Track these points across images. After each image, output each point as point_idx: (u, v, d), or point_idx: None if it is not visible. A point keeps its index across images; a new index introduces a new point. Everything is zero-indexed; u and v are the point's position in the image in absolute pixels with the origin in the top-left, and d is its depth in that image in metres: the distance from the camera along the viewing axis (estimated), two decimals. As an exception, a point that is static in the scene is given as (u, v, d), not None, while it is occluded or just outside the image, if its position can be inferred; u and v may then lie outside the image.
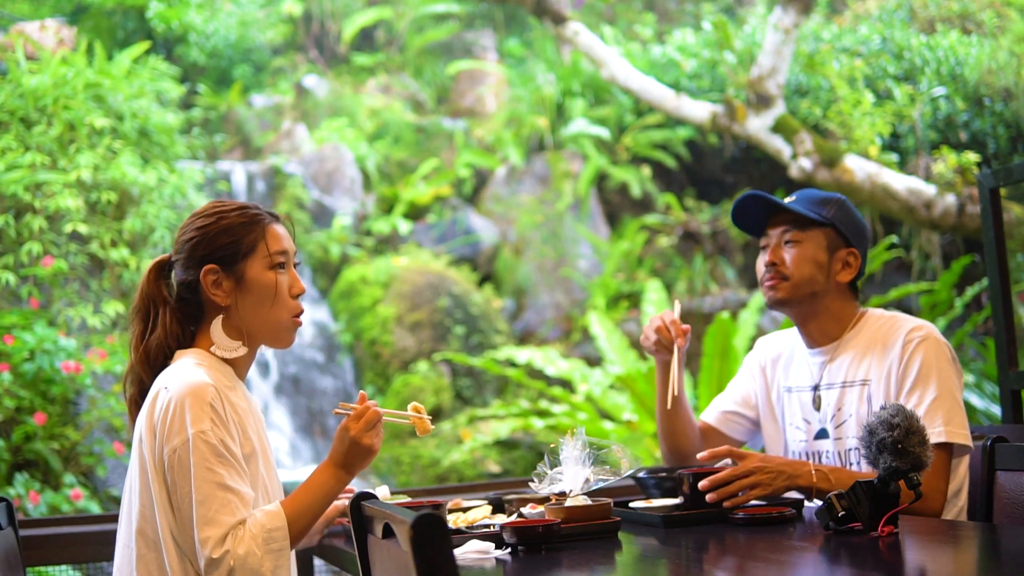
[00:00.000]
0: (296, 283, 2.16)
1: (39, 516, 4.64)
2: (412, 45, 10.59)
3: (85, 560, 3.04)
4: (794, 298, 2.50)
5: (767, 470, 2.26)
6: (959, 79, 7.89)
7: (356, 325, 7.64)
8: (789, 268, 2.49)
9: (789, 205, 2.51)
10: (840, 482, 2.26)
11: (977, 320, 6.84)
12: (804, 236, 2.50)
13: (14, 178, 5.84)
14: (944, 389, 2.36)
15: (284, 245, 2.16)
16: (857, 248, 2.53)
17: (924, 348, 2.40)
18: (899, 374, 2.40)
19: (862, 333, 2.49)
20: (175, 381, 2.02)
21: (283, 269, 2.15)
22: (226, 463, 1.97)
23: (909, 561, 1.78)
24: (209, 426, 1.97)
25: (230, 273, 2.11)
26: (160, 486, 1.99)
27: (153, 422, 2.01)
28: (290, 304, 2.15)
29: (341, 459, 2.07)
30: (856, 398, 2.44)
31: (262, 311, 2.12)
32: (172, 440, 1.96)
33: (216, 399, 2.00)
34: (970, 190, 6.80)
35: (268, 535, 1.96)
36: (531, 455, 6.79)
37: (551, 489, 2.16)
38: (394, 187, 8.83)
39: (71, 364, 5.17)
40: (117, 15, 9.49)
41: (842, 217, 2.51)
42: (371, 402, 2.10)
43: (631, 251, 8.23)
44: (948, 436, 2.31)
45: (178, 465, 1.96)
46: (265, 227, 2.15)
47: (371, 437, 2.06)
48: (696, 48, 8.77)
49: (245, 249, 2.12)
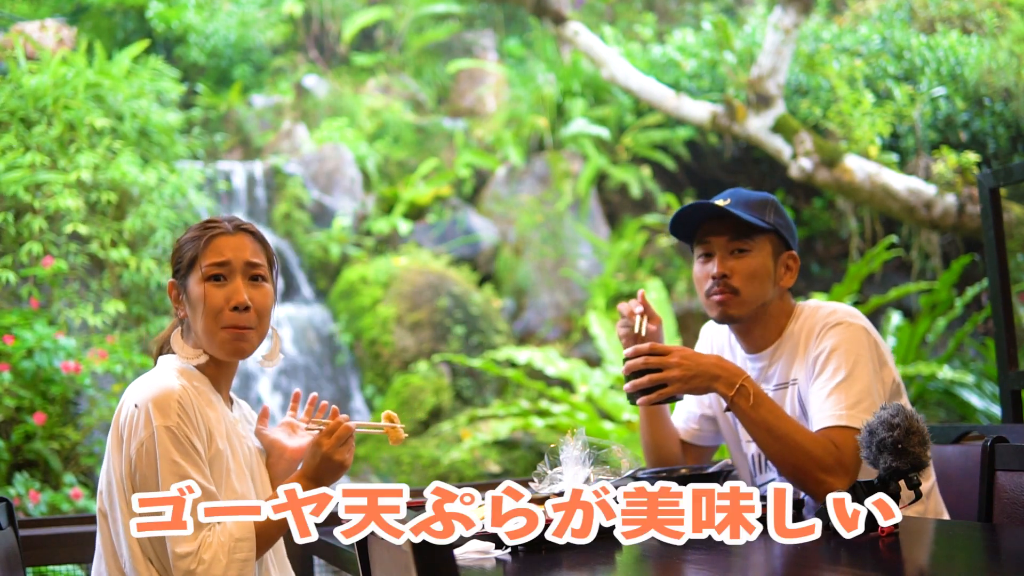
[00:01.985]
0: (235, 294, 2.11)
1: (39, 516, 4.64)
2: (412, 45, 10.59)
3: (85, 560, 3.04)
4: (745, 313, 2.42)
5: (686, 366, 2.25)
6: (959, 79, 7.89)
7: (356, 325, 7.64)
8: (741, 281, 2.39)
9: (732, 211, 2.41)
10: (761, 411, 2.24)
11: (977, 320, 6.85)
12: (752, 245, 2.40)
13: (14, 178, 5.84)
14: (853, 372, 2.28)
15: (225, 256, 2.13)
16: (794, 249, 2.47)
17: (834, 332, 2.33)
18: (812, 362, 2.35)
19: (792, 333, 2.42)
20: (140, 387, 2.05)
21: (219, 281, 2.12)
22: (190, 459, 1.98)
23: (909, 561, 1.78)
24: (175, 421, 1.98)
25: (183, 287, 2.16)
26: (124, 495, 2.00)
27: (119, 428, 2.03)
28: (222, 316, 2.11)
29: (312, 473, 2.09)
30: (789, 399, 2.40)
31: (197, 322, 2.13)
32: (138, 435, 1.98)
33: (184, 398, 2.01)
34: (970, 190, 6.80)
35: (235, 544, 1.97)
36: (531, 455, 6.79)
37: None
38: (394, 187, 8.83)
39: (71, 364, 5.17)
40: (117, 15, 9.49)
41: (781, 221, 2.44)
42: (343, 416, 2.12)
43: (631, 251, 8.23)
44: (848, 420, 2.23)
45: (146, 458, 1.97)
46: (209, 240, 2.14)
47: (343, 453, 2.08)
48: (696, 48, 8.77)
49: (188, 263, 2.15)
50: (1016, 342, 3.29)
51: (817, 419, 2.29)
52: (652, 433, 2.62)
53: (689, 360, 2.27)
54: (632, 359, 2.30)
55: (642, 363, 2.27)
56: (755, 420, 2.26)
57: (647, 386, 2.27)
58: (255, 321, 2.12)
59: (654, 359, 2.28)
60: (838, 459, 2.22)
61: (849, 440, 2.21)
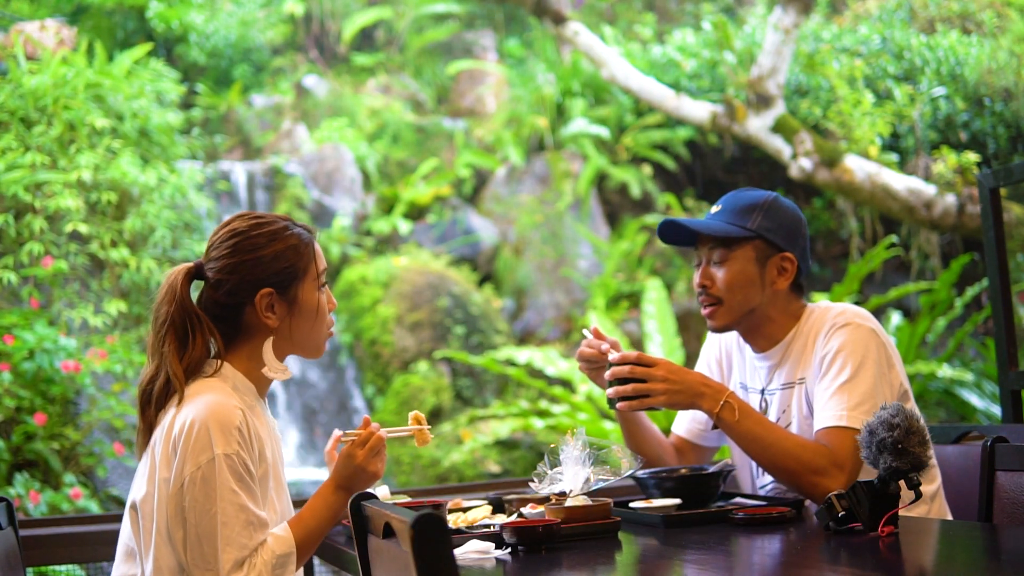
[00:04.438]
0: (331, 298, 2.18)
1: (39, 516, 4.64)
2: (412, 45, 10.59)
3: (85, 560, 3.04)
4: (732, 321, 2.43)
5: (672, 380, 2.27)
6: (959, 79, 7.89)
7: (356, 325, 7.64)
8: (721, 290, 2.41)
9: (710, 223, 2.42)
10: (747, 423, 2.25)
11: (977, 320, 6.85)
12: (730, 255, 2.41)
13: (14, 178, 5.84)
14: (857, 373, 2.28)
15: (324, 262, 2.17)
16: (791, 250, 2.44)
17: (842, 333, 2.33)
18: (819, 362, 2.35)
19: (801, 332, 2.43)
20: (201, 402, 2.00)
21: (324, 287, 2.16)
22: (247, 487, 1.98)
23: (909, 561, 1.78)
24: (235, 449, 1.96)
25: (284, 296, 2.10)
26: (167, 511, 1.97)
27: (172, 440, 1.98)
28: (329, 319, 2.16)
29: (346, 483, 2.09)
30: (796, 398, 2.40)
31: (308, 330, 2.12)
32: (197, 458, 1.95)
33: (243, 423, 1.99)
34: (970, 190, 6.80)
35: (277, 560, 1.99)
36: (531, 455, 6.79)
37: (551, 489, 2.16)
38: (394, 187, 8.83)
39: (71, 364, 5.17)
40: (117, 15, 9.49)
41: (769, 224, 2.42)
42: (375, 425, 2.11)
43: (631, 251, 8.23)
44: (848, 421, 2.23)
45: (201, 483, 1.94)
46: (313, 245, 2.15)
47: (376, 463, 2.08)
48: (696, 48, 8.77)
49: (300, 272, 2.11)
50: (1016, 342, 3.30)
51: (819, 419, 2.30)
52: (631, 437, 2.63)
53: (675, 375, 2.29)
54: (619, 366, 2.30)
55: (627, 371, 2.28)
56: (742, 433, 2.28)
57: (630, 395, 2.28)
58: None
59: (640, 369, 2.29)
60: (832, 460, 2.22)
61: (847, 440, 2.21)
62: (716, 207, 2.48)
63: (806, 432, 2.35)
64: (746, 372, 2.56)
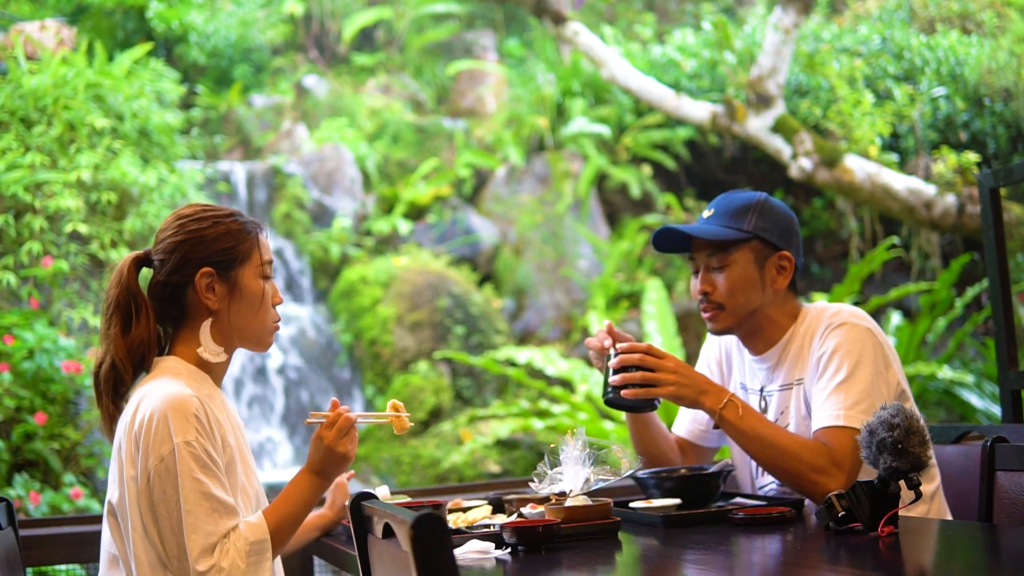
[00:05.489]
0: (276, 293, 2.22)
1: (39, 516, 4.64)
2: (412, 45, 10.59)
3: (85, 560, 3.03)
4: (734, 324, 2.44)
5: (681, 374, 2.28)
6: (959, 79, 7.89)
7: (356, 325, 7.64)
8: (723, 296, 2.41)
9: (705, 228, 2.42)
10: (749, 421, 2.26)
11: (977, 320, 6.85)
12: (729, 258, 2.41)
13: (14, 178, 5.84)
14: (854, 373, 2.28)
15: (270, 255, 2.22)
16: (788, 248, 2.44)
17: (838, 333, 2.34)
18: (816, 362, 2.35)
19: (798, 333, 2.43)
20: (156, 394, 2.02)
21: (269, 278, 2.20)
22: (210, 473, 1.98)
23: (909, 561, 1.78)
24: (194, 436, 1.98)
25: (224, 278, 2.13)
26: (140, 508, 1.99)
27: (134, 435, 2.01)
28: (272, 312, 2.20)
29: (318, 467, 2.10)
30: (795, 399, 2.41)
31: (250, 317, 2.15)
32: (159, 449, 1.97)
33: (200, 410, 2.00)
34: (970, 190, 6.80)
35: (251, 547, 1.98)
36: (531, 455, 6.79)
37: (551, 489, 2.16)
38: (394, 187, 8.83)
39: (71, 364, 5.17)
40: (117, 15, 9.49)
41: (764, 224, 2.42)
42: (343, 408, 2.12)
43: (631, 251, 8.23)
44: (846, 420, 2.23)
45: (165, 474, 1.96)
46: (258, 235, 2.19)
47: (345, 444, 2.08)
48: (696, 48, 8.77)
49: (241, 256, 2.14)
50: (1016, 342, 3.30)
51: (817, 419, 2.30)
52: (637, 433, 2.64)
53: (683, 370, 2.30)
54: (627, 354, 2.30)
55: (638, 359, 2.28)
56: (744, 431, 2.28)
57: (638, 383, 2.28)
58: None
59: (651, 359, 2.29)
60: (831, 459, 2.22)
61: (845, 440, 2.22)
62: (708, 211, 2.48)
63: (804, 433, 2.36)
64: (745, 372, 2.57)
